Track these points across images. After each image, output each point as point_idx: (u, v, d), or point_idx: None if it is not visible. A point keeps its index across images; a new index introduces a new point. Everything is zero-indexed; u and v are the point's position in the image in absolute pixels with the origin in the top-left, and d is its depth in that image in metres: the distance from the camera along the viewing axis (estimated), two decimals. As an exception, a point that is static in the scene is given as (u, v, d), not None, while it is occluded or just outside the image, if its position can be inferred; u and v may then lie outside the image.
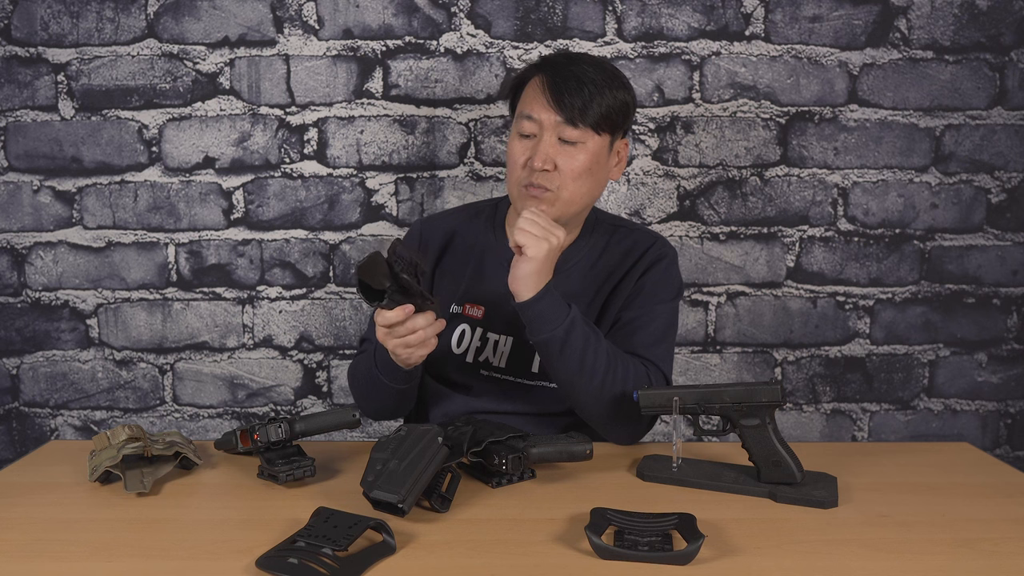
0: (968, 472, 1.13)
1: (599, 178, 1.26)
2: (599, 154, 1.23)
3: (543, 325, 1.14)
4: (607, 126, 1.22)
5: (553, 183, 1.21)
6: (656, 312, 1.27)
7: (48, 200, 1.82)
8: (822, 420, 1.89)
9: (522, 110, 1.24)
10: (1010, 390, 1.88)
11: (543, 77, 1.23)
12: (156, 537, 0.91)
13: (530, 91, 1.24)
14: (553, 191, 1.21)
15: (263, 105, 1.79)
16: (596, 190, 1.26)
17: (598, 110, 1.20)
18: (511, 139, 1.26)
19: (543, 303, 1.14)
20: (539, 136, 1.21)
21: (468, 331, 1.31)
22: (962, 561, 0.86)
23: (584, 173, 1.22)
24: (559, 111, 1.19)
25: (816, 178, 1.82)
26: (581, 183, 1.22)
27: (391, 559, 0.85)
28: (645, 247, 1.30)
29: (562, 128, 1.20)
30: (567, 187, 1.22)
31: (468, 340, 1.31)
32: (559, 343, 1.14)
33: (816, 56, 1.78)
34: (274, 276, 1.84)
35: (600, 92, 1.20)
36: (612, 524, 0.91)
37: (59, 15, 1.77)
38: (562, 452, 1.11)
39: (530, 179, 1.21)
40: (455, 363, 1.31)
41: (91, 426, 1.88)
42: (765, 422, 1.04)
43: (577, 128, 1.20)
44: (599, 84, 1.20)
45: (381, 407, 1.32)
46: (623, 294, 1.28)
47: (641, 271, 1.28)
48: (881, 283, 1.84)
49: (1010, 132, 1.81)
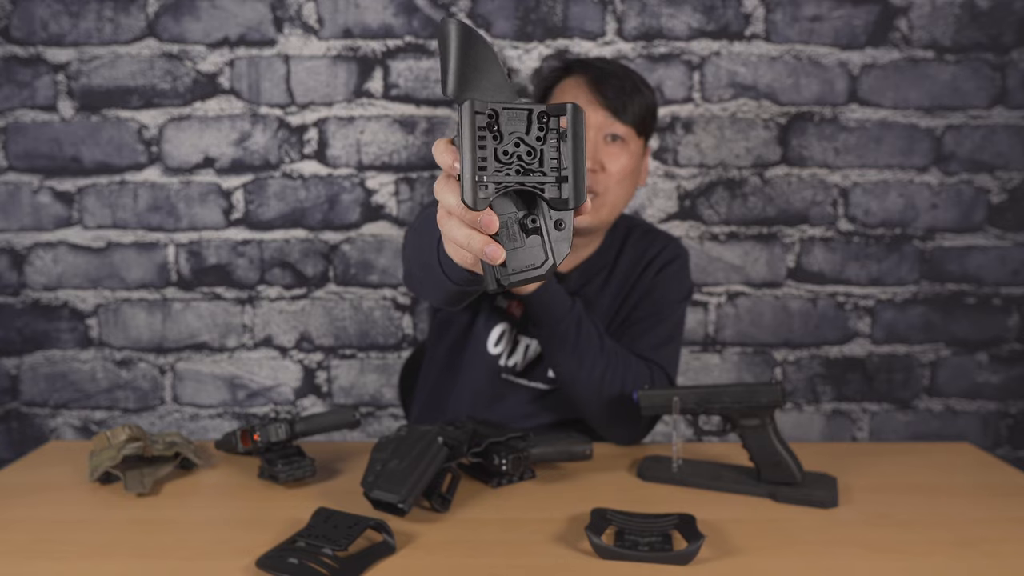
0: (968, 472, 1.13)
1: (635, 182, 1.24)
2: (638, 156, 1.22)
3: (547, 315, 1.14)
4: (644, 128, 1.21)
5: (600, 185, 1.18)
6: (665, 314, 1.27)
7: (48, 200, 1.82)
8: (822, 420, 1.89)
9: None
10: (1011, 390, 1.88)
11: (582, 76, 1.20)
12: (156, 537, 0.91)
13: (568, 91, 1.21)
14: (600, 194, 1.18)
15: (263, 105, 1.79)
16: (632, 194, 1.25)
17: (639, 109, 1.19)
18: None
19: (547, 295, 1.14)
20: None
21: (507, 332, 1.28)
22: (962, 561, 0.86)
23: (629, 175, 1.20)
24: (606, 106, 1.17)
25: (816, 178, 1.81)
26: (624, 186, 1.20)
27: (391, 559, 0.85)
28: (659, 248, 1.31)
29: (609, 124, 1.18)
30: (612, 190, 1.19)
31: (504, 342, 1.28)
32: (561, 337, 1.14)
33: (816, 56, 1.78)
34: (274, 276, 1.84)
35: (637, 90, 1.20)
36: (612, 524, 0.91)
37: (59, 15, 1.77)
38: (562, 452, 1.11)
39: None
40: (486, 363, 1.28)
41: (91, 426, 1.88)
42: (765, 422, 1.04)
43: (623, 124, 1.18)
44: (635, 83, 1.20)
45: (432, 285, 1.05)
46: (637, 295, 1.28)
47: (655, 272, 1.28)
48: (881, 283, 1.84)
49: (1011, 132, 1.81)
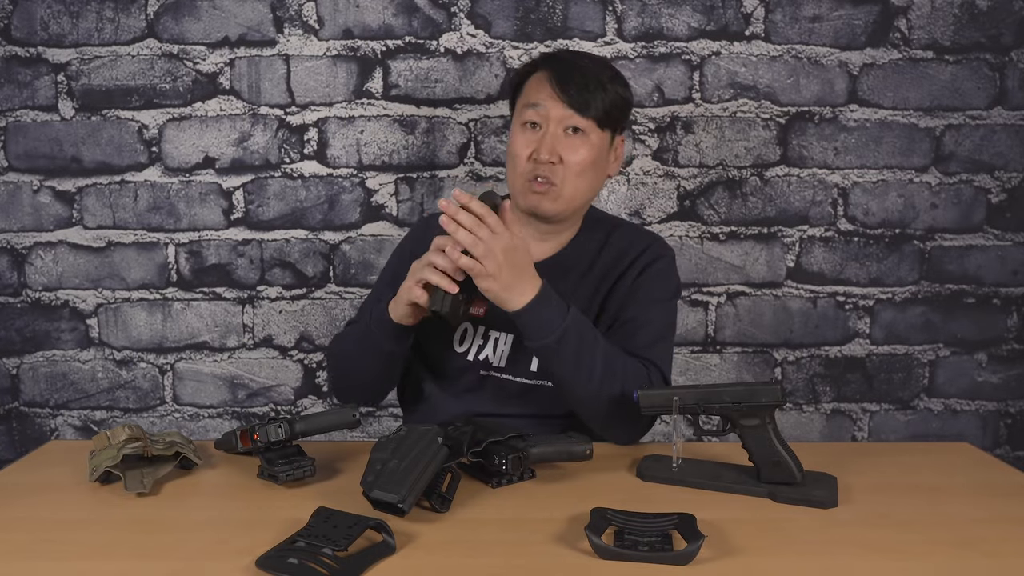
0: (968, 472, 1.13)
1: (599, 175, 1.27)
2: (601, 149, 1.25)
3: (537, 331, 1.13)
4: (609, 121, 1.24)
5: (558, 176, 1.22)
6: (654, 312, 1.27)
7: (48, 200, 1.82)
8: (822, 420, 1.89)
9: (528, 100, 1.25)
10: (1010, 390, 1.88)
11: (547, 71, 1.24)
12: (156, 537, 0.91)
13: (534, 84, 1.25)
14: (557, 185, 1.22)
15: (263, 105, 1.79)
16: (596, 187, 1.28)
17: (602, 103, 1.22)
18: (513, 134, 1.26)
19: (535, 311, 1.13)
20: (544, 128, 1.22)
21: (471, 328, 1.30)
22: (962, 561, 0.86)
23: (587, 168, 1.23)
24: (565, 100, 1.20)
25: (816, 178, 1.81)
26: (583, 179, 1.23)
27: (391, 559, 0.85)
28: (643, 247, 1.30)
29: (569, 117, 1.21)
30: (570, 182, 1.23)
31: (471, 338, 1.30)
32: (554, 348, 1.13)
33: (816, 56, 1.78)
34: (274, 276, 1.84)
35: (603, 86, 1.22)
36: (612, 524, 0.90)
37: (59, 15, 1.77)
38: (562, 452, 1.11)
39: (535, 171, 1.22)
40: (456, 361, 1.30)
41: (91, 426, 1.88)
42: (765, 422, 1.04)
43: (583, 118, 1.21)
44: (602, 78, 1.23)
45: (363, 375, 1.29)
46: (620, 294, 1.28)
47: (638, 271, 1.28)
48: (881, 283, 1.84)
49: (1010, 132, 1.81)
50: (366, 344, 1.25)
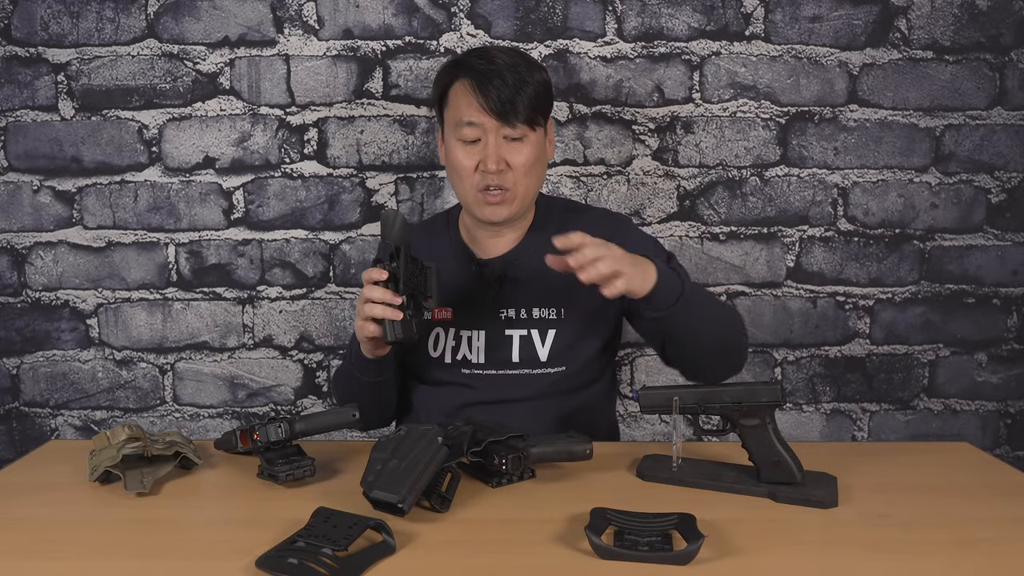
0: (968, 472, 1.13)
1: (543, 165, 1.33)
2: (540, 142, 1.30)
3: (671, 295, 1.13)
4: (540, 115, 1.28)
5: (508, 181, 1.26)
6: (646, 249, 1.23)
7: (48, 200, 1.82)
8: (822, 420, 1.89)
9: (460, 118, 1.26)
10: (1010, 390, 1.88)
11: (467, 80, 1.26)
12: (156, 537, 0.91)
13: (460, 97, 1.27)
14: (510, 188, 1.27)
15: (263, 105, 1.79)
16: (543, 176, 1.35)
17: (529, 102, 1.24)
18: (452, 148, 1.29)
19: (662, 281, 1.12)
20: (484, 139, 1.25)
21: (442, 333, 1.33)
22: (962, 561, 0.86)
23: (533, 165, 1.28)
24: (496, 111, 1.23)
25: (816, 178, 1.82)
26: (532, 176, 1.29)
27: (391, 559, 0.85)
28: (599, 223, 1.32)
29: (501, 128, 1.25)
30: (521, 183, 1.27)
31: (443, 342, 1.33)
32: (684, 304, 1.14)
33: (816, 56, 1.78)
34: (274, 276, 1.84)
35: (524, 83, 1.24)
36: (612, 524, 0.91)
37: (59, 15, 1.77)
38: (562, 452, 1.11)
39: (485, 182, 1.25)
40: (435, 365, 1.33)
41: (91, 426, 1.88)
42: (765, 422, 1.04)
43: (518, 126, 1.25)
44: (520, 72, 1.25)
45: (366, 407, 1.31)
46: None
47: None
48: (881, 283, 1.84)
49: (1010, 132, 1.81)
50: (353, 383, 1.31)
